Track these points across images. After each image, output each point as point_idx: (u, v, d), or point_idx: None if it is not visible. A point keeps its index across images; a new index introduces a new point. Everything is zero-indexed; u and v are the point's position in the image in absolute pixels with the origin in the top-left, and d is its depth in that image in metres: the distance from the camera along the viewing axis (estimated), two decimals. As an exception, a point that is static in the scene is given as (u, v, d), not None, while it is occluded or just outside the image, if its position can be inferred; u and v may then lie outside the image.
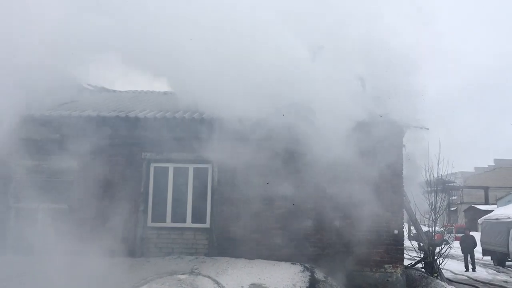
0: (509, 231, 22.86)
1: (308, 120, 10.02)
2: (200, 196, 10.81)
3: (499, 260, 23.99)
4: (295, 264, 9.62)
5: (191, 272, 9.07)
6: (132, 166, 10.77)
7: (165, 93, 14.41)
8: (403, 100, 10.77)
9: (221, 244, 10.45)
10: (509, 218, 25.69)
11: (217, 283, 8.74)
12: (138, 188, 10.74)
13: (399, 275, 10.24)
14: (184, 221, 10.74)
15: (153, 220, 10.78)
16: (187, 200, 10.78)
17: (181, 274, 8.97)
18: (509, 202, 37.34)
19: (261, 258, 9.99)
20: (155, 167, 10.92)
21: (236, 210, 10.54)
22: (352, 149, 9.92)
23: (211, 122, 10.44)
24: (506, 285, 16.13)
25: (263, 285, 8.72)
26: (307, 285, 8.81)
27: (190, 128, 10.53)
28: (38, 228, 10.57)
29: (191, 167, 10.87)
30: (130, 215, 10.57)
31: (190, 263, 9.63)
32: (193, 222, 10.74)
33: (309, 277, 9.04)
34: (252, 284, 8.76)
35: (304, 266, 9.48)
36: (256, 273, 9.14)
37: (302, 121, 10.08)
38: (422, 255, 15.78)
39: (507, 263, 23.48)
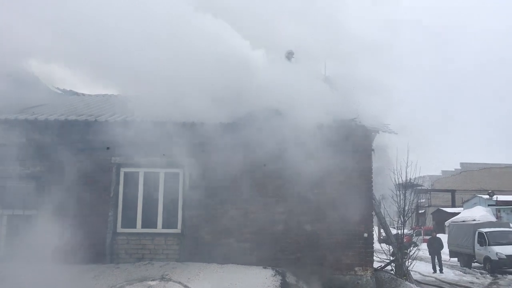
0: (475, 233, 23.47)
1: (277, 124, 10.09)
2: (171, 201, 10.73)
3: (466, 262, 24.58)
4: (267, 268, 9.64)
5: (162, 278, 8.97)
6: (102, 171, 10.59)
7: (135, 97, 14.19)
8: (372, 105, 11.00)
9: (193, 249, 10.38)
10: (474, 220, 26.38)
11: (188, 288, 8.66)
12: (107, 193, 10.57)
13: (369, 277, 10.38)
14: (155, 227, 10.62)
15: (123, 226, 10.63)
16: (158, 205, 10.67)
17: (151, 280, 8.85)
18: (474, 204, 38.35)
19: (233, 263, 9.98)
20: (125, 172, 10.78)
21: (208, 215, 10.50)
22: (322, 154, 10.05)
23: (183, 126, 10.39)
24: (472, 286, 16.55)
25: (235, 290, 8.70)
26: (279, 289, 8.82)
27: (161, 132, 10.43)
28: (2, 234, 10.29)
29: (162, 172, 10.77)
30: (100, 220, 10.40)
31: (161, 269, 9.52)
32: (164, 227, 10.63)
33: (280, 281, 9.07)
34: (223, 289, 8.73)
35: (276, 270, 9.51)
36: (228, 278, 9.11)
37: (271, 126, 10.16)
38: (391, 258, 16.04)
39: (473, 264, 24.07)
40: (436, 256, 21.54)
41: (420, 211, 50.56)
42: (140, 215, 10.64)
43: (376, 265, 15.84)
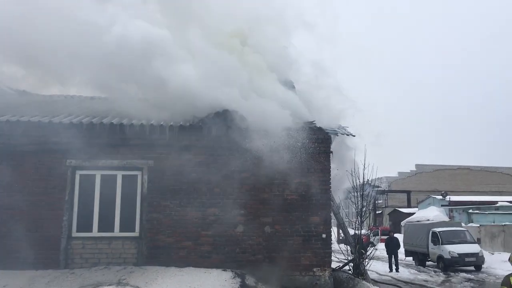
0: (429, 233, 24.24)
1: (238, 126, 10.12)
2: (129, 204, 10.51)
3: (420, 260, 25.34)
4: (226, 270, 9.62)
5: (119, 283, 8.78)
6: (56, 173, 10.27)
7: (92, 97, 13.88)
8: (331, 108, 11.19)
9: (151, 253, 10.22)
10: (428, 220, 27.26)
11: (146, 293, 8.53)
12: (62, 196, 10.25)
13: (327, 277, 10.53)
14: (112, 230, 10.38)
15: (78, 230, 10.34)
16: (115, 208, 10.43)
17: (107, 285, 8.65)
18: (429, 205, 39.65)
19: (193, 266, 9.90)
20: (80, 175, 10.48)
21: (167, 217, 10.36)
22: (280, 156, 10.12)
23: (141, 128, 10.22)
24: (426, 284, 17.09)
25: (194, 293, 8.63)
26: (238, 291, 8.82)
27: (118, 134, 10.23)
28: None
29: (119, 174, 10.54)
30: (54, 225, 10.08)
31: (118, 274, 9.32)
32: (121, 231, 10.41)
33: (239, 284, 9.06)
34: (182, 292, 8.64)
35: (235, 273, 9.50)
36: (186, 281, 9.02)
37: (232, 127, 10.17)
38: (349, 258, 16.32)
39: (427, 262, 24.85)
40: (393, 256, 22.10)
41: (378, 212, 51.75)
42: (96, 218, 10.37)
43: (335, 265, 16.08)
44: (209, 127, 10.29)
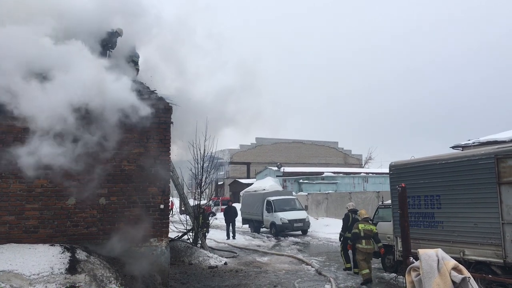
0: (264, 201, 26.01)
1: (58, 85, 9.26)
2: None
3: (256, 227, 27.13)
4: (55, 245, 8.98)
5: None
6: None
7: None
8: (171, 78, 11.07)
9: (-37, 230, 9.03)
10: (264, 189, 29.20)
11: (-44, 275, 7.54)
12: None
13: (163, 247, 10.53)
14: None
15: None
16: None
17: None
18: (266, 175, 42.40)
19: (15, 242, 9.03)
20: None
21: (-16, 190, 9.21)
22: (119, 124, 9.72)
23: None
24: (258, 249, 18.37)
25: (15, 271, 7.88)
26: (67, 267, 8.30)
27: None
28: None
29: None
30: None
31: None
32: None
33: (69, 258, 8.53)
34: (1, 271, 7.84)
35: (65, 247, 8.92)
36: (7, 259, 8.21)
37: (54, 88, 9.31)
38: (188, 228, 16.70)
39: (261, 229, 26.70)
40: (230, 224, 23.24)
41: (219, 183, 53.61)
42: None
43: (175, 235, 16.26)
44: (28, 88, 9.28)
